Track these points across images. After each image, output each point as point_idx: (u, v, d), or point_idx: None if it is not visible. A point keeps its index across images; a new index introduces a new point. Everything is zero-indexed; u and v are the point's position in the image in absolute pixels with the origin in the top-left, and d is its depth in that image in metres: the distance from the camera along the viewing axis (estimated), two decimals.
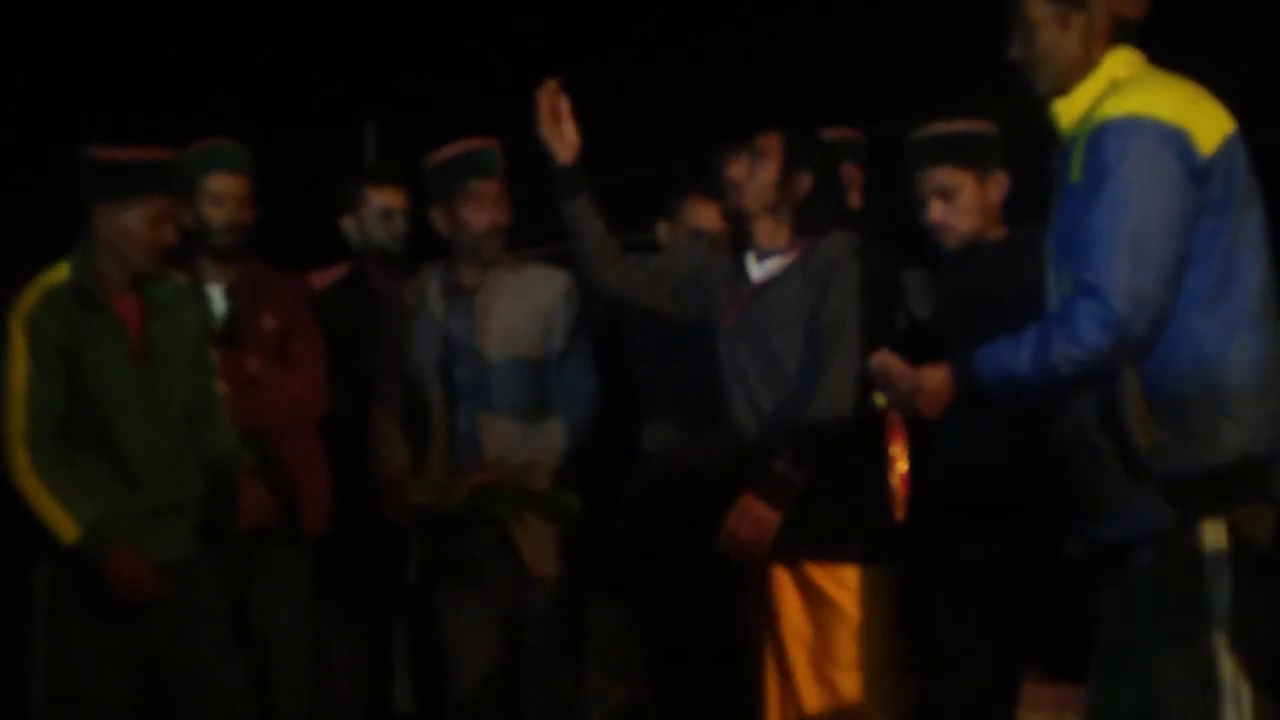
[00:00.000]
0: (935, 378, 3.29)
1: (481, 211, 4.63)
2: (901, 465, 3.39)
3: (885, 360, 3.35)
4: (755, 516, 3.96)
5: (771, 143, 4.16)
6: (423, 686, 5.05)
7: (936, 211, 4.10)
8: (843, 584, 4.00)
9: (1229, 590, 3.15)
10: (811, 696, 4.03)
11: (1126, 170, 3.13)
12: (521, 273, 4.71)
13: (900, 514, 3.41)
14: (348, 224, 5.17)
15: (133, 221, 4.24)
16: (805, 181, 4.12)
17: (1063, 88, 3.33)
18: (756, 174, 4.16)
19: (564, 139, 4.21)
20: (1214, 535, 3.16)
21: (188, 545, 4.32)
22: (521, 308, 4.64)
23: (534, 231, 4.80)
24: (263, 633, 4.71)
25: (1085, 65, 3.32)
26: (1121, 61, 3.31)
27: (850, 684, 4.01)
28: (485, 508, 4.45)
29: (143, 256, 4.27)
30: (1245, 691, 3.15)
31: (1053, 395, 3.25)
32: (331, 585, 4.87)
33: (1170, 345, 3.16)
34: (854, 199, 4.64)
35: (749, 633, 4.18)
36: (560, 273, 4.73)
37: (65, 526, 4.15)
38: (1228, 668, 3.15)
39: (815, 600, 4.03)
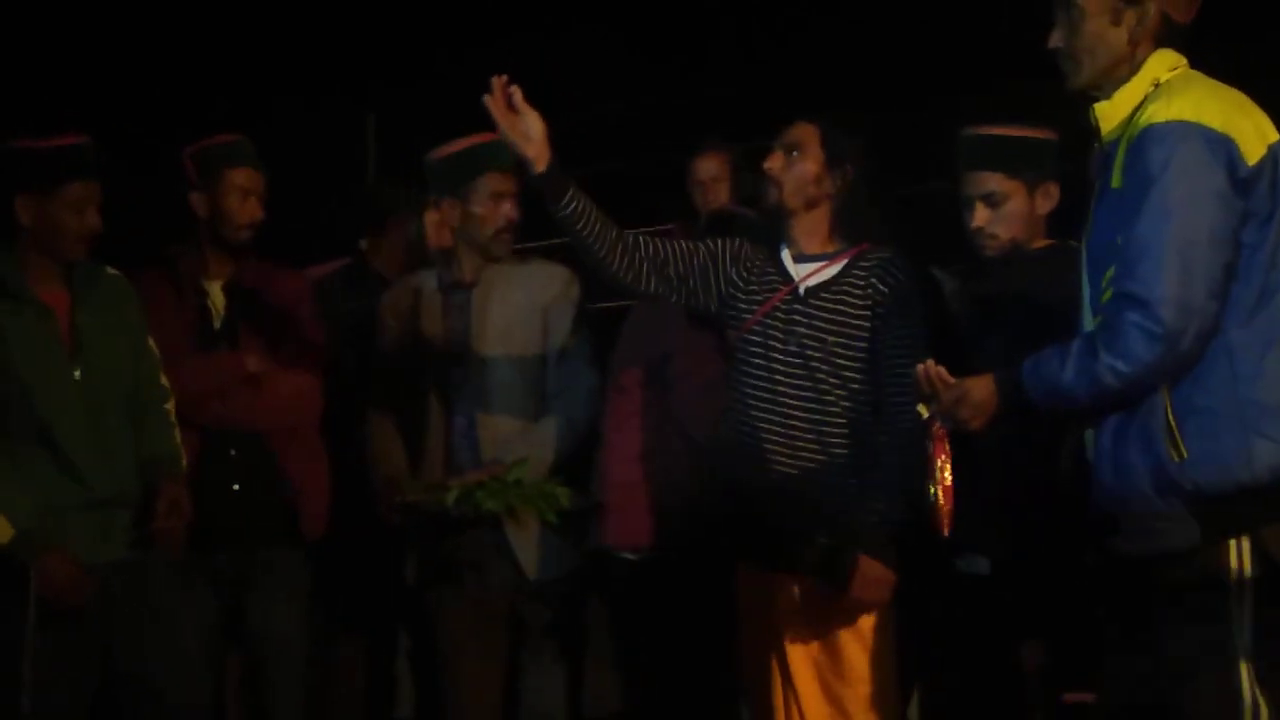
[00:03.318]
0: (981, 389, 3.24)
1: (497, 207, 4.53)
2: (946, 478, 3.31)
3: (931, 370, 3.29)
4: (877, 580, 3.88)
5: (808, 134, 4.02)
6: (424, 693, 4.98)
7: (981, 217, 4.00)
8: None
9: (1252, 609, 3.10)
10: (816, 709, 3.97)
11: (1172, 178, 3.07)
12: (521, 268, 4.62)
13: (946, 530, 3.33)
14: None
15: (55, 210, 4.23)
16: (849, 174, 3.99)
17: (1100, 83, 3.26)
18: (795, 168, 4.01)
19: (529, 138, 3.87)
20: (1239, 553, 3.11)
21: (138, 544, 4.25)
22: (520, 303, 4.54)
23: (533, 225, 4.71)
24: (259, 636, 4.65)
25: (1128, 64, 3.25)
26: (1164, 64, 3.24)
27: (855, 697, 3.96)
28: (478, 504, 4.37)
29: (68, 245, 4.25)
30: (1265, 712, 3.11)
31: (1099, 409, 3.18)
32: (334, 589, 4.80)
33: (1206, 358, 3.10)
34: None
35: (745, 640, 4.13)
36: (561, 268, 4.63)
37: None
38: (1247, 686, 3.11)
39: (823, 613, 3.97)
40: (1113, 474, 3.18)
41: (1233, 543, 3.11)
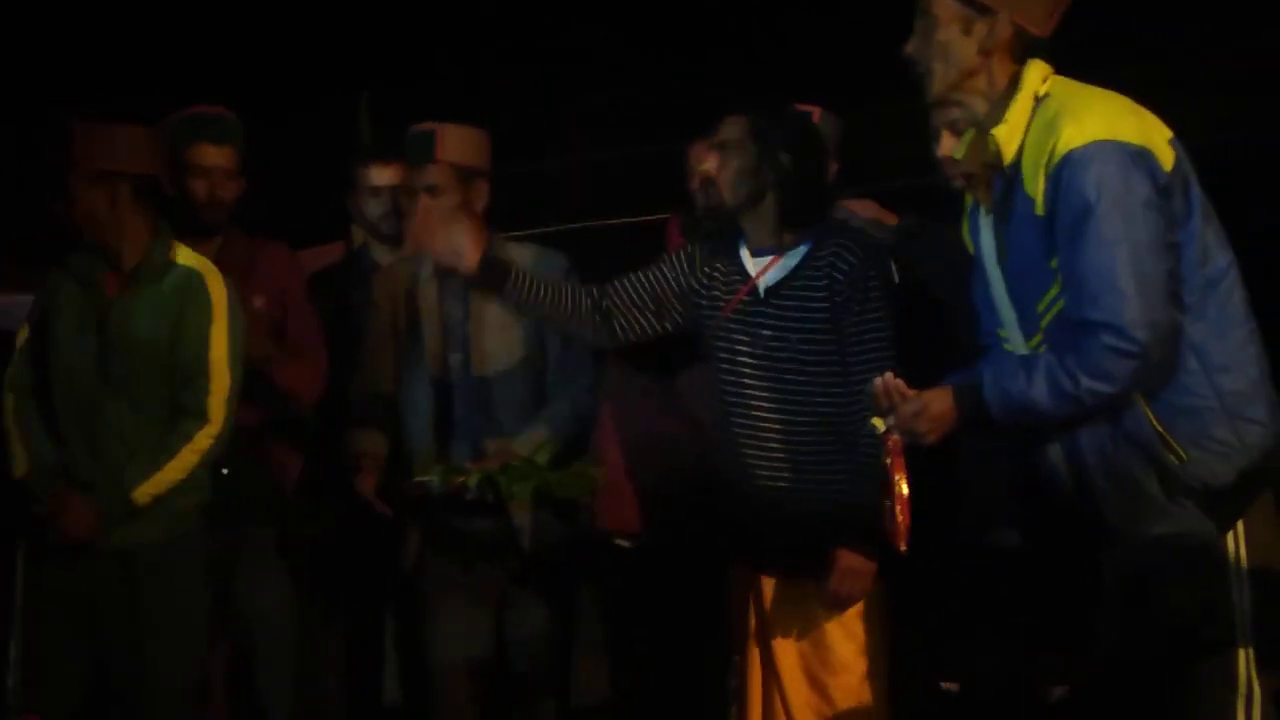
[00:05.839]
0: (940, 402, 3.27)
1: (415, 201, 4.41)
2: (903, 491, 3.31)
3: (889, 383, 3.30)
4: (857, 571, 3.85)
5: (738, 129, 3.98)
6: (411, 677, 4.97)
7: (947, 146, 3.95)
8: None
9: (1250, 592, 3.17)
10: (800, 699, 3.96)
11: (1107, 202, 3.09)
12: (520, 253, 4.52)
13: (904, 545, 3.33)
14: (352, 204, 5.09)
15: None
16: (784, 162, 3.94)
17: (952, 95, 3.29)
18: (729, 165, 3.98)
19: (457, 252, 3.94)
20: (1236, 537, 3.18)
21: (140, 532, 4.22)
22: None
23: (530, 212, 4.69)
24: (247, 616, 4.62)
25: (983, 76, 3.27)
26: (1038, 76, 3.26)
27: (839, 685, 3.95)
28: (503, 487, 4.30)
29: (117, 234, 4.22)
30: (1258, 695, 3.17)
31: (1068, 422, 3.22)
32: (322, 574, 4.77)
33: (1175, 360, 3.16)
34: None
35: (731, 631, 4.12)
36: (559, 256, 4.57)
37: (20, 460, 4.21)
38: (1244, 670, 3.17)
39: (809, 606, 3.96)
40: (1115, 490, 3.22)
41: (1230, 529, 3.18)
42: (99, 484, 4.16)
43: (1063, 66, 3.32)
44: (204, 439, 4.23)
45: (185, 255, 4.32)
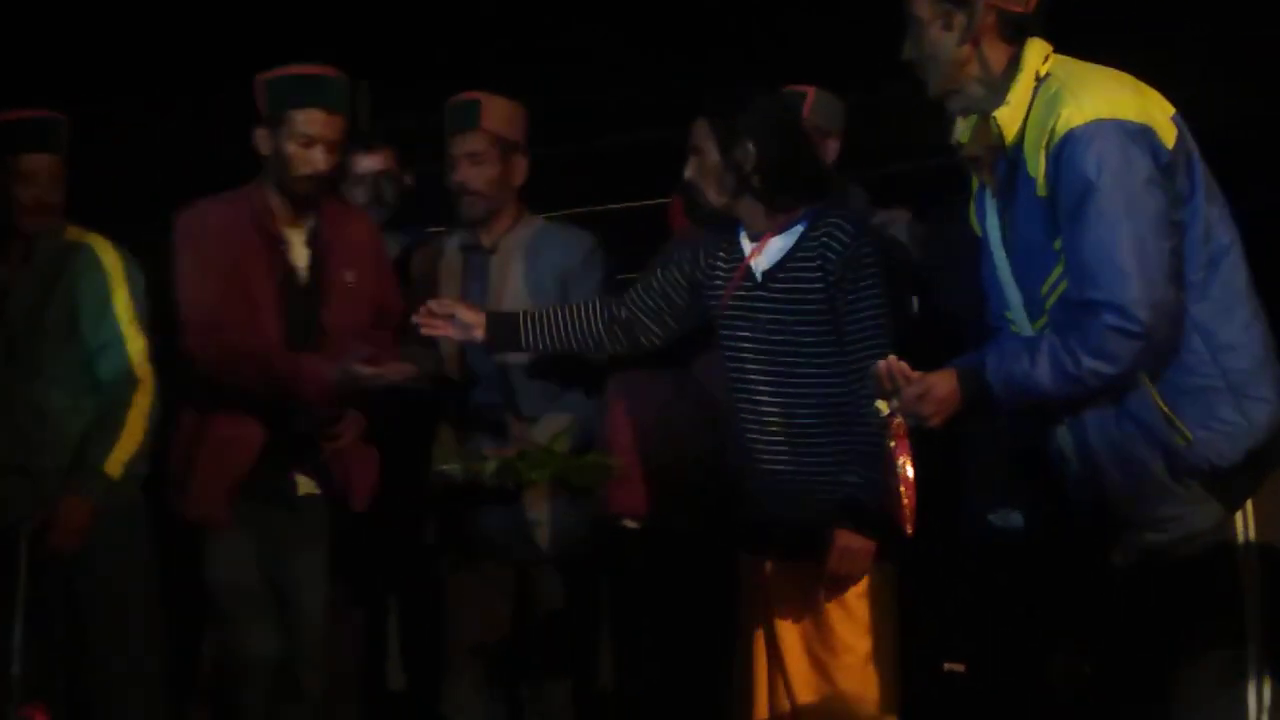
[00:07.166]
0: (944, 385, 3.25)
1: (454, 168, 4.42)
2: (909, 474, 3.30)
3: (892, 365, 3.28)
4: (854, 551, 3.83)
5: (701, 130, 3.98)
6: (416, 665, 4.94)
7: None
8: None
9: (1260, 574, 3.18)
10: (803, 681, 3.95)
11: (1108, 180, 3.09)
12: (545, 233, 4.50)
13: (910, 528, 3.32)
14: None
15: (6, 181, 4.24)
16: (749, 150, 3.89)
17: (952, 87, 3.30)
18: (701, 167, 3.98)
19: (468, 327, 4.14)
20: (1245, 519, 3.19)
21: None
22: (540, 270, 4.42)
23: (562, 193, 4.65)
24: (285, 596, 4.48)
25: (975, 63, 3.28)
26: (1038, 56, 3.26)
27: (841, 666, 3.94)
28: (520, 474, 4.25)
29: (20, 217, 4.25)
30: (1268, 683, 3.17)
31: (1072, 403, 3.23)
32: (341, 559, 4.70)
33: (1179, 340, 3.15)
34: None
35: (739, 619, 4.10)
36: (584, 234, 4.52)
37: None
38: (1254, 656, 3.17)
39: (810, 588, 3.93)
40: (1120, 473, 3.22)
41: (1238, 512, 3.19)
42: (48, 471, 4.23)
43: (1072, 47, 3.32)
44: (144, 399, 4.31)
45: (73, 233, 4.36)
